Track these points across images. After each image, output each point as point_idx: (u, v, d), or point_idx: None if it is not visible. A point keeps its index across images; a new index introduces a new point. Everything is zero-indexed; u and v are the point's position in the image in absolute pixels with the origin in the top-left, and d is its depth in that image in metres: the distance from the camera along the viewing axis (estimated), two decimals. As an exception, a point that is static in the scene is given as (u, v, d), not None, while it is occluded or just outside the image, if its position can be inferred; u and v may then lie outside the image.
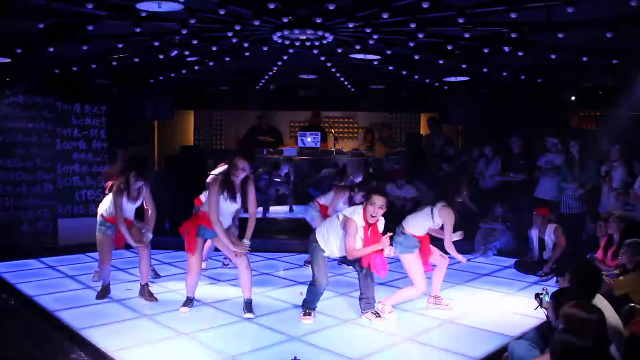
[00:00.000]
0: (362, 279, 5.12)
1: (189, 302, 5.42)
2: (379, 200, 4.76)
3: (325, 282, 5.02)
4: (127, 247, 8.24)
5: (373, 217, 4.79)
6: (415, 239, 5.17)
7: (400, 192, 9.05)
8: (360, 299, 5.21)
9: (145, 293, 5.71)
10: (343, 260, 5.99)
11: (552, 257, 6.84)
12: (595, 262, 5.66)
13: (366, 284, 5.12)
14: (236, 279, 6.60)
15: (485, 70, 7.93)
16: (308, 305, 5.15)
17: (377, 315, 5.06)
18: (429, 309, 5.44)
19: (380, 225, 4.95)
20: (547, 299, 4.01)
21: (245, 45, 6.70)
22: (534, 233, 7.19)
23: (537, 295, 4.07)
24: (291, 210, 10.13)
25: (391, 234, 4.95)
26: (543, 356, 3.23)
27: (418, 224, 5.24)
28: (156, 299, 5.66)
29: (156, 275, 6.64)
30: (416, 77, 9.03)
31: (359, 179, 8.91)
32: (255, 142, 10.63)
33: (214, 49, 6.94)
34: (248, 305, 5.20)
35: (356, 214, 4.83)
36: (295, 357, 4.07)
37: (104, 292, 5.80)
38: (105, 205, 5.81)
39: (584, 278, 3.60)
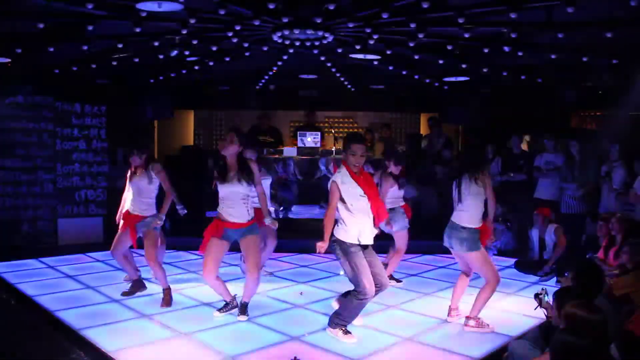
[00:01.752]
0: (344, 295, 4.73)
1: (242, 308, 5.15)
2: (358, 149, 4.48)
3: (372, 290, 4.41)
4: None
5: (356, 166, 4.48)
6: (478, 232, 4.85)
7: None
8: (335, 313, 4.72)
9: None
10: None
11: (552, 257, 6.83)
12: (596, 262, 5.65)
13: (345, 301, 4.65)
14: (236, 279, 6.61)
15: (485, 70, 7.94)
16: (344, 321, 4.58)
17: (347, 332, 4.59)
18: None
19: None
20: (546, 299, 4.01)
21: (245, 45, 6.70)
22: (535, 233, 7.19)
23: (536, 295, 4.06)
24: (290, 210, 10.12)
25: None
26: (543, 356, 3.23)
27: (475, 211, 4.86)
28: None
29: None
30: (416, 77, 9.03)
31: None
32: (255, 140, 10.62)
33: (214, 49, 6.94)
34: (243, 308, 5.10)
35: (339, 173, 4.54)
36: (295, 357, 4.07)
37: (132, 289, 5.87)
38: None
39: (587, 277, 3.60)
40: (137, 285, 5.88)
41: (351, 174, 4.50)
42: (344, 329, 4.58)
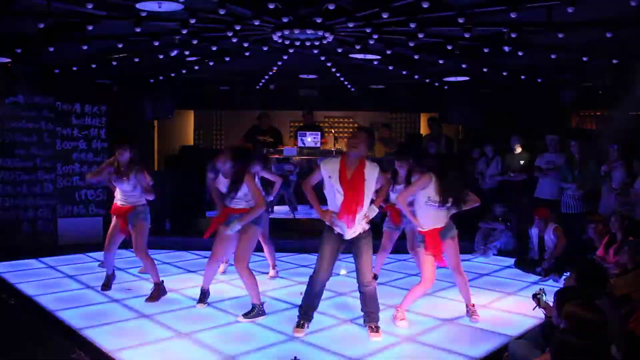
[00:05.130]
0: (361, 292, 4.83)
1: (202, 296, 5.56)
2: (357, 135, 4.61)
3: (323, 277, 4.69)
4: (127, 246, 8.28)
5: (352, 147, 4.54)
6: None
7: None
8: (362, 311, 4.91)
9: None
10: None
11: (551, 254, 6.81)
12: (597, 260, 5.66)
13: (364, 297, 4.81)
14: (236, 279, 6.61)
15: (485, 70, 7.94)
16: (302, 313, 4.82)
17: (375, 330, 4.72)
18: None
19: (371, 172, 4.55)
20: (544, 298, 4.01)
21: (245, 45, 6.70)
22: (534, 232, 7.17)
23: (534, 296, 4.07)
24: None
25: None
26: (543, 356, 3.23)
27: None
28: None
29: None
30: (416, 77, 9.03)
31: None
32: (255, 141, 10.61)
33: (214, 49, 6.95)
34: (248, 311, 5.12)
35: (331, 162, 4.60)
36: (295, 357, 4.07)
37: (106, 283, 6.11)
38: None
39: (589, 277, 3.60)
40: (110, 280, 6.14)
41: (341, 168, 4.50)
42: (300, 321, 4.77)
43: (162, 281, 5.79)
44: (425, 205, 4.85)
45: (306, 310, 4.81)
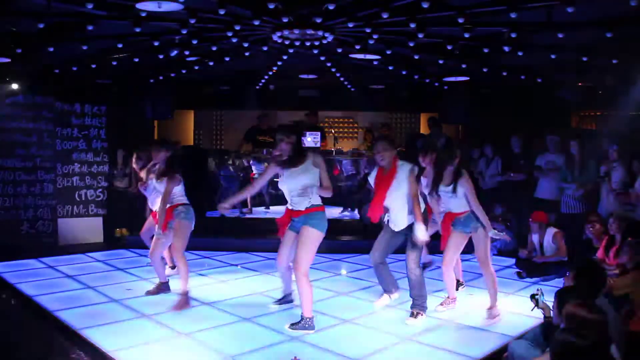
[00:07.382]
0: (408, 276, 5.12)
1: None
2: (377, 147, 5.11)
3: (374, 255, 5.23)
4: (127, 246, 8.28)
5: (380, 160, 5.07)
6: None
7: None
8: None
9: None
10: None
11: (549, 258, 6.77)
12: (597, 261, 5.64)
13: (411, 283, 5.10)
14: (236, 279, 6.61)
15: (485, 70, 7.94)
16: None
17: (414, 316, 5.03)
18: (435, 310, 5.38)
19: (402, 171, 4.98)
20: (542, 299, 4.02)
21: (245, 45, 6.71)
22: (535, 238, 7.07)
23: (532, 296, 4.07)
24: None
25: None
26: (543, 356, 3.23)
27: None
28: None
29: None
30: (416, 77, 9.04)
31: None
32: (255, 141, 10.62)
33: (214, 49, 6.95)
34: (298, 321, 4.82)
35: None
36: (295, 357, 4.07)
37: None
38: None
39: (588, 276, 3.60)
40: (163, 287, 5.96)
41: (378, 170, 5.13)
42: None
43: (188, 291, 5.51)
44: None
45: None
